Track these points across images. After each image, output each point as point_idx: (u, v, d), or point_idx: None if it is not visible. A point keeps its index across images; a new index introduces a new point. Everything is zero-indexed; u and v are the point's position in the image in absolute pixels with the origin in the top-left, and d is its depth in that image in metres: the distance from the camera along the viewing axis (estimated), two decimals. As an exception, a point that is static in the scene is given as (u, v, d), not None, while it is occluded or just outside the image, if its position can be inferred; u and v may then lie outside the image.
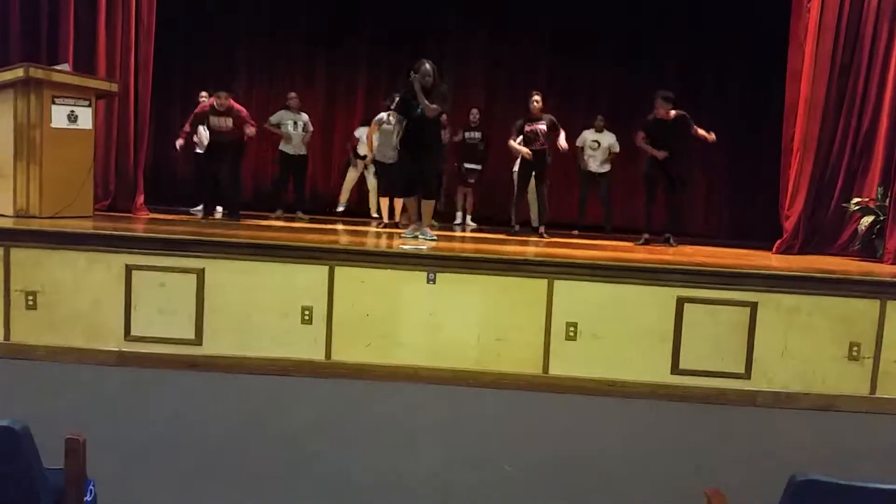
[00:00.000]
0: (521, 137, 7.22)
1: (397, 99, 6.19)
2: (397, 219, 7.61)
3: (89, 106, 6.07)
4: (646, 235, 6.96)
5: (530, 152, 7.12)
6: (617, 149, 8.30)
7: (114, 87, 6.43)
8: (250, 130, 6.97)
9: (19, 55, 6.47)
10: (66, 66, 6.23)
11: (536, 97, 7.18)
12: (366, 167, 8.30)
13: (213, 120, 6.96)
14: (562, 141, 7.14)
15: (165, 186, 8.55)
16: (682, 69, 9.00)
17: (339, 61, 9.65)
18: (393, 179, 6.96)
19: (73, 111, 5.95)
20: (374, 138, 7.43)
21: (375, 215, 8.29)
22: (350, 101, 9.68)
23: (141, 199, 7.05)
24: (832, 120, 6.45)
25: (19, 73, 5.63)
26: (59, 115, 5.85)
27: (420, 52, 7.23)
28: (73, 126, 5.94)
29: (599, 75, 9.38)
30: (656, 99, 6.72)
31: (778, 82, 6.90)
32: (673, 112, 6.68)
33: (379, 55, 9.51)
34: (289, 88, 8.60)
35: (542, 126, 7.13)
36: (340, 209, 8.62)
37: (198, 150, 8.04)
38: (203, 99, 8.01)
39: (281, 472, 3.44)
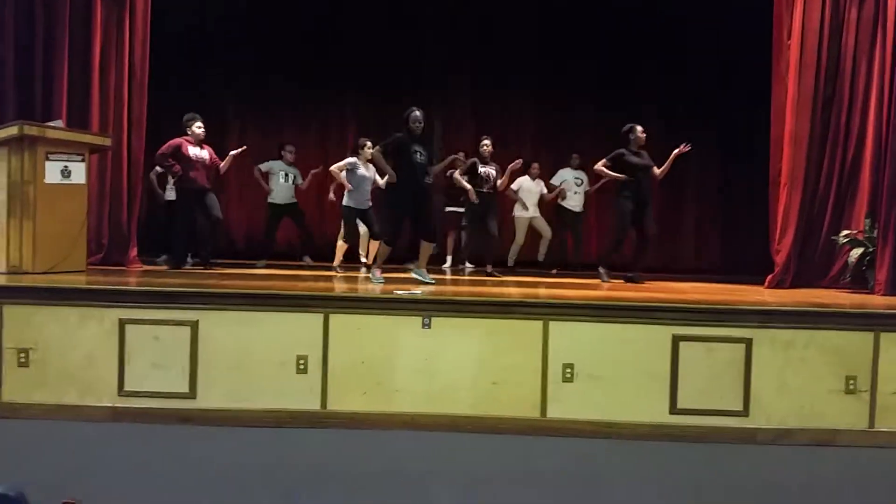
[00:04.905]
0: (466, 176, 7.39)
1: (389, 142, 5.99)
2: (369, 261, 7.52)
3: (83, 161, 6.13)
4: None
5: (475, 194, 7.28)
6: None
7: (107, 142, 6.49)
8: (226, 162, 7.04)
9: (14, 110, 6.52)
10: (60, 123, 6.28)
11: (486, 142, 7.46)
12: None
13: (193, 151, 6.80)
14: (505, 186, 7.55)
15: (160, 239, 8.50)
16: (667, 104, 9.03)
17: (331, 115, 9.69)
18: (383, 223, 6.71)
19: (66, 166, 6.00)
20: (343, 180, 7.19)
21: (364, 260, 8.15)
22: (343, 153, 9.73)
23: (134, 252, 7.04)
24: (818, 153, 6.51)
25: (14, 131, 5.69)
26: (52, 171, 5.90)
27: (405, 99, 7.28)
28: (66, 181, 5.99)
29: (580, 116, 9.39)
30: (633, 128, 6.84)
31: (765, 115, 6.94)
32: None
33: (366, 107, 9.54)
34: (280, 141, 8.56)
35: (493, 170, 7.40)
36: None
37: (168, 197, 7.62)
38: None
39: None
